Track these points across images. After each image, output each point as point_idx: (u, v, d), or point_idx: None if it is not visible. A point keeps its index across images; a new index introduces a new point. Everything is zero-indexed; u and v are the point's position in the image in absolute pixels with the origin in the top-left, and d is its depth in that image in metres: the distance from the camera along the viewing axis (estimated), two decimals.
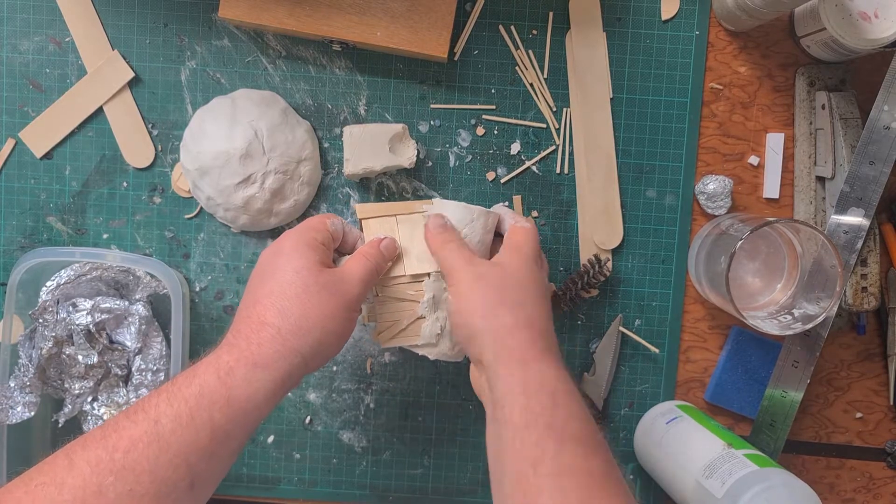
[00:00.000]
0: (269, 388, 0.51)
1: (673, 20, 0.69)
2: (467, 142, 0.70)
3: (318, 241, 0.57)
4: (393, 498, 0.72)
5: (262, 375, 0.50)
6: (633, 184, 0.70)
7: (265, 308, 0.53)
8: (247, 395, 0.50)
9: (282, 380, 0.51)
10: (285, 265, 0.54)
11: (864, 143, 0.64)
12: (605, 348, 0.70)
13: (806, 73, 0.68)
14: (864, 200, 0.64)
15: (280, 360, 0.51)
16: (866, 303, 0.66)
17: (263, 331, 0.52)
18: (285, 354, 0.51)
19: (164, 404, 0.48)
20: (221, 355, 0.51)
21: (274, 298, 0.53)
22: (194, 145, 0.67)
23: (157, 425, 0.47)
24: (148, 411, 0.48)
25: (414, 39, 0.66)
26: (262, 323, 0.52)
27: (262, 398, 0.50)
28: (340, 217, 0.61)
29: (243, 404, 0.49)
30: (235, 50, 0.70)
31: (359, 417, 0.72)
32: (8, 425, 0.67)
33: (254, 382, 0.50)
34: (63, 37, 0.70)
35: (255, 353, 0.51)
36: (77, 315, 0.67)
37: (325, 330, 0.53)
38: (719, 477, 0.57)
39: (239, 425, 0.50)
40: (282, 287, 0.53)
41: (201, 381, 0.49)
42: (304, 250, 0.55)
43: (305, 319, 0.52)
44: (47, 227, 0.71)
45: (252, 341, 0.51)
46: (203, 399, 0.48)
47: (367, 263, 0.58)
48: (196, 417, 0.48)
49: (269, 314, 0.53)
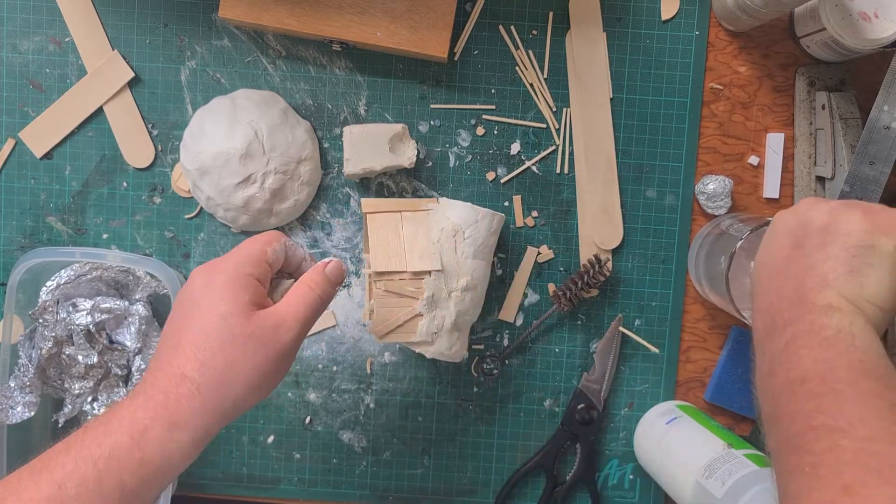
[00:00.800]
0: (185, 448, 0.47)
1: (673, 20, 0.69)
2: (467, 142, 0.70)
3: (254, 276, 0.50)
4: (393, 498, 0.72)
5: (179, 436, 0.46)
6: (633, 184, 0.70)
7: (186, 358, 0.48)
8: (162, 456, 0.46)
9: (200, 439, 0.47)
10: (213, 307, 0.49)
11: (864, 143, 0.64)
12: (605, 348, 0.70)
13: (806, 73, 0.68)
14: (864, 200, 0.64)
15: (199, 419, 0.47)
16: None
17: (182, 385, 0.47)
18: (206, 413, 0.47)
19: (70, 465, 0.44)
20: (137, 409, 0.46)
21: (195, 348, 0.48)
22: (194, 145, 0.67)
23: (60, 490, 0.43)
24: (53, 472, 0.44)
25: (414, 39, 0.66)
26: (182, 376, 0.47)
27: (178, 459, 0.47)
28: (283, 235, 0.54)
29: (158, 466, 0.46)
30: (235, 50, 0.70)
31: (359, 417, 0.72)
32: (8, 425, 0.67)
33: (169, 444, 0.46)
34: (63, 37, 0.70)
35: (172, 411, 0.46)
36: (77, 315, 0.67)
37: (249, 385, 0.48)
38: (719, 477, 0.57)
39: (151, 487, 0.46)
40: (206, 334, 0.48)
41: (113, 442, 0.45)
42: (236, 291, 0.49)
43: (229, 372, 0.47)
44: (47, 227, 0.71)
45: (170, 396, 0.47)
46: (113, 461, 0.45)
47: (309, 297, 0.51)
48: (104, 483, 0.44)
49: (189, 366, 0.47)
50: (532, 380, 0.71)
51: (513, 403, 0.72)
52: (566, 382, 0.71)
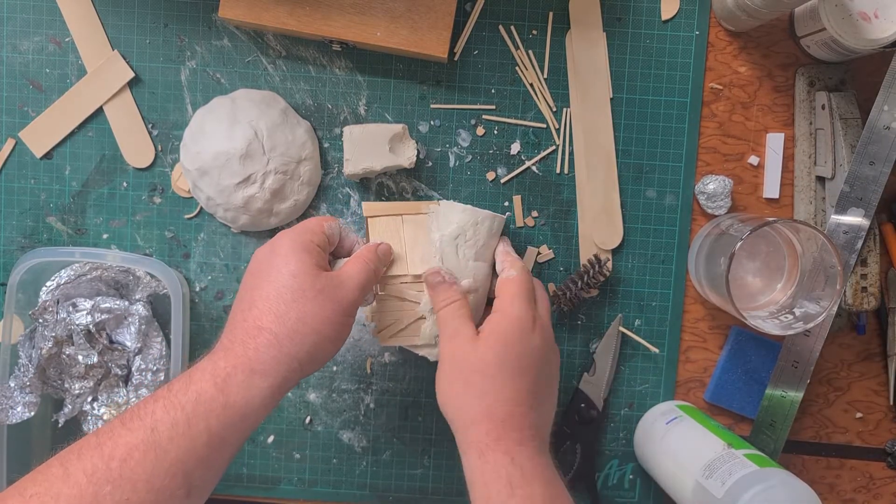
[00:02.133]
0: (266, 394, 0.50)
1: (673, 20, 0.69)
2: (467, 142, 0.70)
3: (315, 243, 0.56)
4: (393, 498, 0.72)
5: (260, 382, 0.50)
6: (633, 184, 0.70)
7: (261, 312, 0.52)
8: (244, 401, 0.49)
9: (279, 385, 0.51)
10: (282, 268, 0.54)
11: (864, 143, 0.64)
12: (605, 348, 0.70)
13: (806, 73, 0.68)
14: (864, 200, 0.64)
15: (277, 365, 0.51)
16: (866, 303, 0.66)
17: (260, 336, 0.51)
18: (282, 360, 0.51)
19: (160, 411, 0.48)
20: (218, 361, 0.50)
21: (270, 303, 0.52)
22: (194, 145, 0.67)
23: (153, 433, 0.47)
24: (144, 418, 0.47)
25: (414, 39, 0.66)
26: (259, 328, 0.52)
27: (260, 404, 0.50)
28: (338, 219, 0.61)
29: (240, 410, 0.49)
30: (235, 50, 0.70)
31: (359, 417, 0.72)
32: (8, 425, 0.67)
33: (251, 389, 0.50)
34: (63, 37, 0.70)
35: (251, 359, 0.50)
36: (77, 315, 0.67)
37: (322, 335, 0.53)
38: (719, 477, 0.57)
39: (235, 431, 0.49)
40: (278, 291, 0.53)
41: (198, 388, 0.49)
42: (301, 253, 0.54)
43: (302, 324, 0.52)
44: (47, 227, 0.71)
45: (249, 346, 0.51)
46: (200, 406, 0.48)
47: (365, 267, 0.57)
48: (193, 425, 0.47)
49: (265, 319, 0.52)
50: None
51: None
52: (566, 382, 0.71)
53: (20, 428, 0.68)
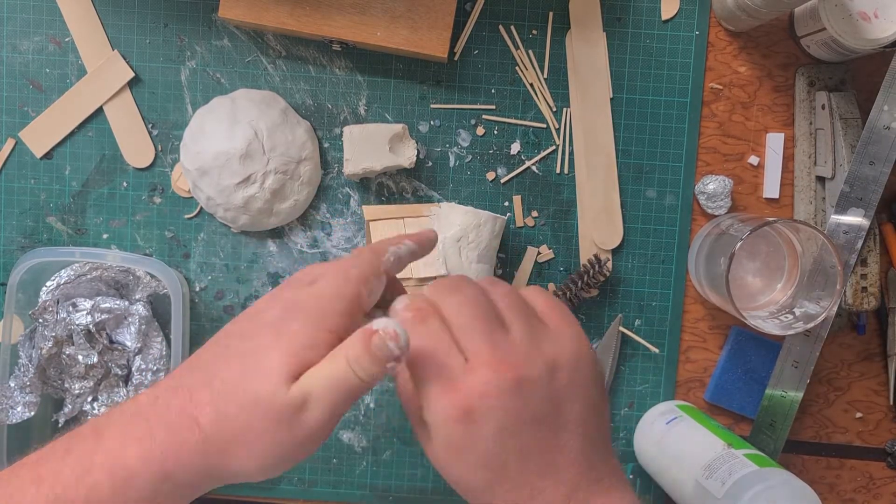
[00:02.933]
0: (170, 495, 0.40)
1: (673, 20, 0.69)
2: (467, 142, 0.70)
3: (333, 332, 0.41)
4: (393, 498, 0.72)
5: (165, 488, 0.39)
6: (633, 184, 0.70)
7: (203, 402, 0.40)
8: None
9: (188, 493, 0.41)
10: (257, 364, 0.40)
11: (864, 143, 0.64)
12: (605, 348, 0.70)
13: (806, 73, 0.68)
14: (864, 200, 0.64)
15: (192, 474, 0.40)
16: (866, 303, 0.66)
17: (188, 431, 0.40)
18: (199, 472, 0.40)
19: (40, 497, 0.38)
20: (128, 446, 0.39)
21: (217, 397, 0.40)
22: (194, 145, 0.67)
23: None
24: (20, 495, 0.39)
25: (414, 39, 0.66)
26: (193, 418, 0.40)
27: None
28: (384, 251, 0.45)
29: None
30: (235, 50, 0.70)
31: (359, 417, 0.72)
32: (8, 425, 0.67)
33: (154, 497, 0.40)
34: (63, 37, 0.70)
35: (167, 459, 0.39)
36: (77, 315, 0.67)
37: (255, 462, 0.41)
38: (719, 477, 0.57)
39: None
40: (233, 387, 0.40)
41: (92, 483, 0.39)
42: (298, 350, 0.40)
43: (239, 443, 0.40)
44: (47, 227, 0.71)
45: (174, 439, 0.39)
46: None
47: (340, 375, 0.40)
48: None
49: (204, 412, 0.40)
50: None
51: None
52: None
53: (20, 428, 0.68)
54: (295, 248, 0.71)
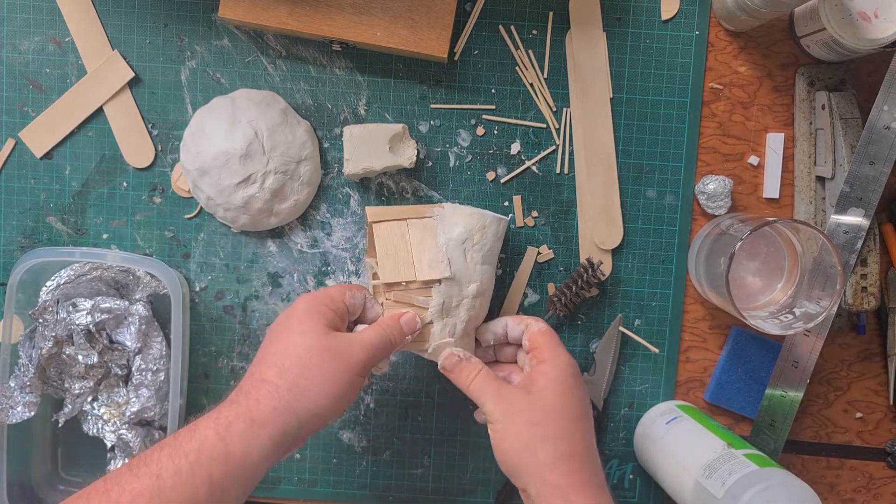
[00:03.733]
0: (265, 444, 0.51)
1: (673, 20, 0.69)
2: (467, 142, 0.70)
3: (331, 308, 0.57)
4: (393, 498, 0.72)
5: (259, 432, 0.51)
6: (633, 184, 0.70)
7: (268, 366, 0.54)
8: (243, 451, 0.50)
9: (278, 438, 0.52)
10: (294, 327, 0.56)
11: (864, 143, 0.64)
12: (605, 348, 0.70)
13: (806, 73, 0.68)
14: (864, 200, 0.64)
15: (275, 416, 0.52)
16: (866, 303, 0.66)
17: (262, 388, 0.53)
18: (280, 412, 0.52)
19: (165, 459, 0.49)
20: (222, 410, 0.52)
21: (277, 357, 0.54)
22: (194, 145, 0.67)
23: (158, 480, 0.48)
24: (150, 465, 0.49)
25: (414, 39, 0.66)
26: (262, 380, 0.53)
27: (259, 455, 0.51)
28: (364, 289, 0.62)
29: (240, 460, 0.50)
30: (235, 50, 0.70)
31: (359, 417, 0.72)
32: (8, 425, 0.67)
33: (251, 439, 0.51)
34: (63, 37, 0.70)
35: (252, 409, 0.52)
36: (77, 315, 0.67)
37: (322, 391, 0.53)
38: (719, 477, 0.57)
39: (236, 482, 0.50)
40: (286, 347, 0.55)
41: (202, 436, 0.50)
42: (315, 314, 0.56)
43: (303, 379, 0.53)
44: (47, 227, 0.71)
45: (251, 397, 0.52)
46: (203, 455, 0.49)
47: (381, 332, 0.58)
48: (195, 474, 0.48)
49: (270, 372, 0.54)
50: None
51: None
52: None
53: (20, 428, 0.68)
54: (295, 248, 0.71)
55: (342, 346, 0.55)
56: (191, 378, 0.71)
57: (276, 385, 0.53)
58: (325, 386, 0.53)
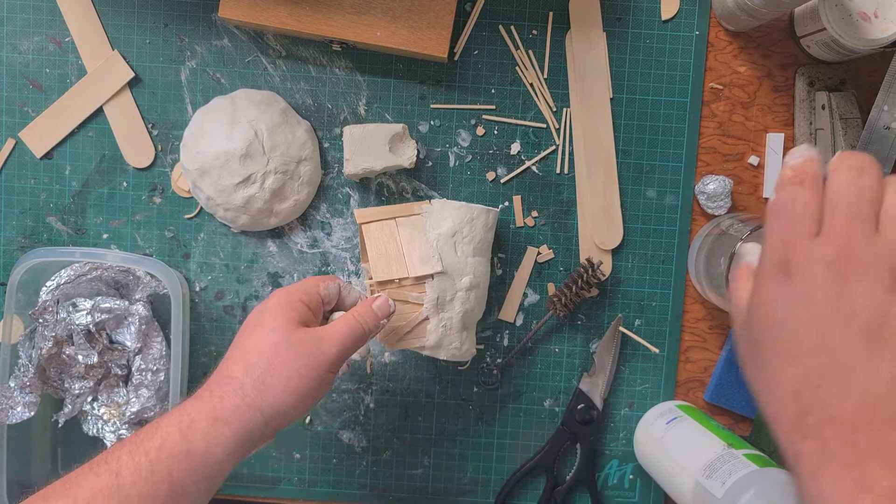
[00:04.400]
0: (228, 442, 0.50)
1: (673, 20, 0.69)
2: (467, 142, 0.70)
3: (303, 302, 0.56)
4: (393, 498, 0.72)
5: (222, 429, 0.50)
6: (633, 184, 0.70)
7: (234, 362, 0.54)
8: (205, 448, 0.49)
9: (242, 436, 0.51)
10: (265, 322, 0.55)
11: (864, 143, 0.64)
12: (605, 348, 0.70)
13: (806, 73, 0.68)
14: None
15: (239, 414, 0.51)
16: None
17: (227, 384, 0.52)
18: (244, 409, 0.51)
19: (125, 456, 0.48)
20: (185, 407, 0.51)
21: (244, 354, 0.54)
22: (194, 145, 0.67)
23: (117, 478, 0.47)
24: (110, 463, 0.48)
25: (414, 39, 0.66)
26: (228, 377, 0.53)
27: (222, 453, 0.50)
28: (338, 279, 0.61)
29: (202, 458, 0.49)
30: (235, 50, 0.70)
31: (359, 417, 0.72)
32: (8, 425, 0.67)
33: (213, 436, 0.50)
34: (63, 37, 0.70)
35: (216, 407, 0.51)
36: (77, 315, 0.67)
37: (287, 388, 0.52)
38: (719, 477, 0.57)
39: (198, 481, 0.49)
40: (254, 343, 0.54)
41: (164, 434, 0.49)
42: (285, 310, 0.55)
43: (269, 375, 0.52)
44: (47, 227, 0.71)
45: (215, 394, 0.52)
46: (163, 452, 0.48)
47: (353, 323, 0.56)
48: (155, 471, 0.48)
49: (235, 368, 0.53)
50: (532, 380, 0.71)
51: (513, 403, 0.72)
52: (566, 382, 0.71)
53: (20, 428, 0.68)
54: (295, 248, 0.71)
55: (310, 342, 0.54)
56: (191, 378, 0.71)
57: (241, 382, 0.52)
58: (291, 383, 0.52)
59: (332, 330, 0.55)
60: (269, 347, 0.53)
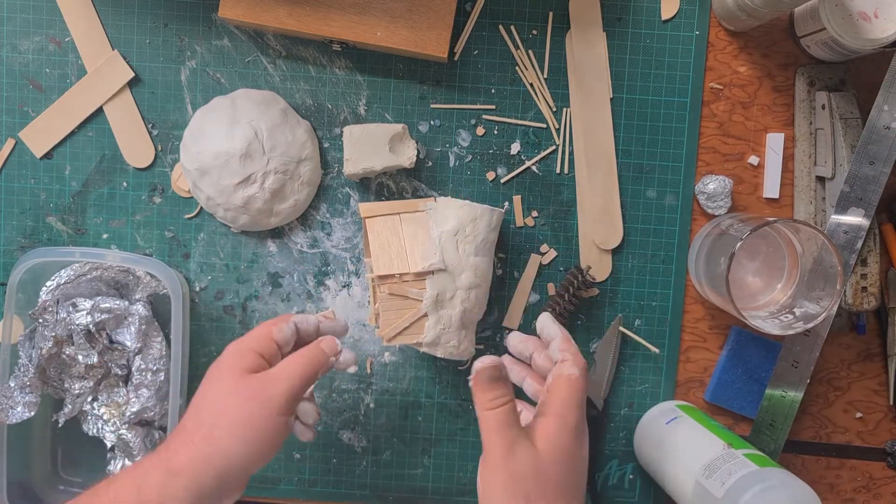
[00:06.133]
0: (180, 495, 0.50)
1: (673, 20, 0.69)
2: (467, 142, 0.70)
3: (255, 350, 0.55)
4: (393, 498, 0.72)
5: (174, 482, 0.50)
6: (633, 184, 0.70)
7: (188, 417, 0.54)
8: (158, 501, 0.49)
9: (194, 488, 0.50)
10: (214, 375, 0.55)
11: (864, 143, 0.64)
12: (605, 348, 0.70)
13: (806, 73, 0.68)
14: (864, 200, 0.64)
15: (192, 467, 0.51)
16: (866, 303, 0.66)
17: (180, 437, 0.52)
18: (196, 461, 0.51)
19: None
20: (144, 461, 0.52)
21: (197, 409, 0.54)
22: (194, 145, 0.67)
23: None
24: None
25: (414, 39, 0.66)
26: (182, 430, 0.53)
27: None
28: (292, 316, 0.59)
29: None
30: (235, 50, 0.70)
31: (359, 417, 0.72)
32: (8, 425, 0.67)
33: (165, 489, 0.50)
34: (63, 37, 0.70)
35: (170, 459, 0.51)
36: (77, 315, 0.67)
37: (236, 438, 0.51)
38: (719, 477, 0.57)
39: None
40: (205, 398, 0.54)
41: (118, 486, 0.50)
42: (235, 359, 0.55)
43: (217, 429, 0.52)
44: (47, 227, 0.71)
45: (170, 448, 0.52)
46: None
47: (299, 362, 0.55)
48: None
49: (189, 423, 0.53)
50: None
51: None
52: None
53: (20, 428, 0.68)
54: (295, 248, 0.71)
55: (255, 386, 0.53)
56: (191, 378, 0.71)
57: (191, 435, 0.52)
58: (239, 430, 0.52)
59: (277, 371, 0.54)
60: (218, 398, 0.53)
